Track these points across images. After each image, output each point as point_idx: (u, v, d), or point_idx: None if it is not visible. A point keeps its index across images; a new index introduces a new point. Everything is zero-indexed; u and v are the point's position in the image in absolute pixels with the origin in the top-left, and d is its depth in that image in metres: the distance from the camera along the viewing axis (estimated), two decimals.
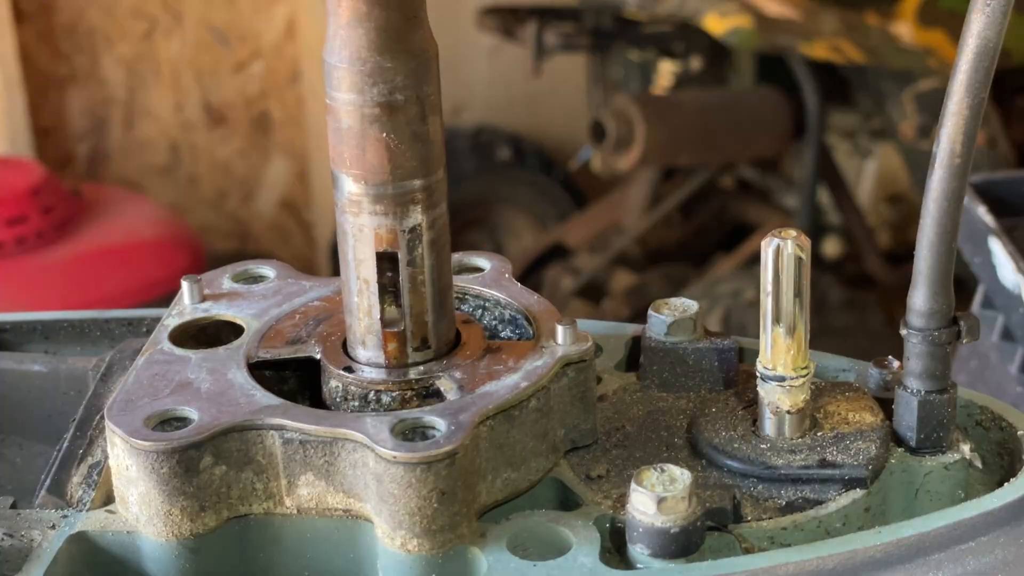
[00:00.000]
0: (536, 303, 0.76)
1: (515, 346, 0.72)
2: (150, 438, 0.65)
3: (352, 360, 0.71)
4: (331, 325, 0.74)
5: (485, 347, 0.72)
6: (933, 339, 0.70)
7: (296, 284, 0.79)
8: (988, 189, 1.34)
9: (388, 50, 0.65)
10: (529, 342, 0.72)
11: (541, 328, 0.73)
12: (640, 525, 0.63)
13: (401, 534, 0.64)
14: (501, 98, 4.27)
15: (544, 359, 0.70)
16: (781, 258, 0.68)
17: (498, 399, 0.67)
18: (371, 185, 0.67)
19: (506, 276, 0.78)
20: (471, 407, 0.66)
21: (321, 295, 0.77)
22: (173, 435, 0.65)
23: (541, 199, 4.09)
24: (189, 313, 0.76)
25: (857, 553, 0.64)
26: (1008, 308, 1.28)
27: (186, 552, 0.66)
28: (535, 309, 0.75)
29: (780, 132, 3.52)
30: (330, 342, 0.72)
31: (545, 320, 0.73)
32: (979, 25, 0.64)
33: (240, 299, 0.77)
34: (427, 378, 0.70)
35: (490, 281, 0.78)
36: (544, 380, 0.68)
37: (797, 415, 0.71)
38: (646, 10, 3.29)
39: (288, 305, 0.76)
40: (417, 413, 0.66)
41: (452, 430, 0.64)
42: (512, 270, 0.79)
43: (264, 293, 0.78)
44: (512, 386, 0.68)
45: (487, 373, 0.69)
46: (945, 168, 0.67)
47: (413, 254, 0.68)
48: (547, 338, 0.72)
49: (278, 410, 0.67)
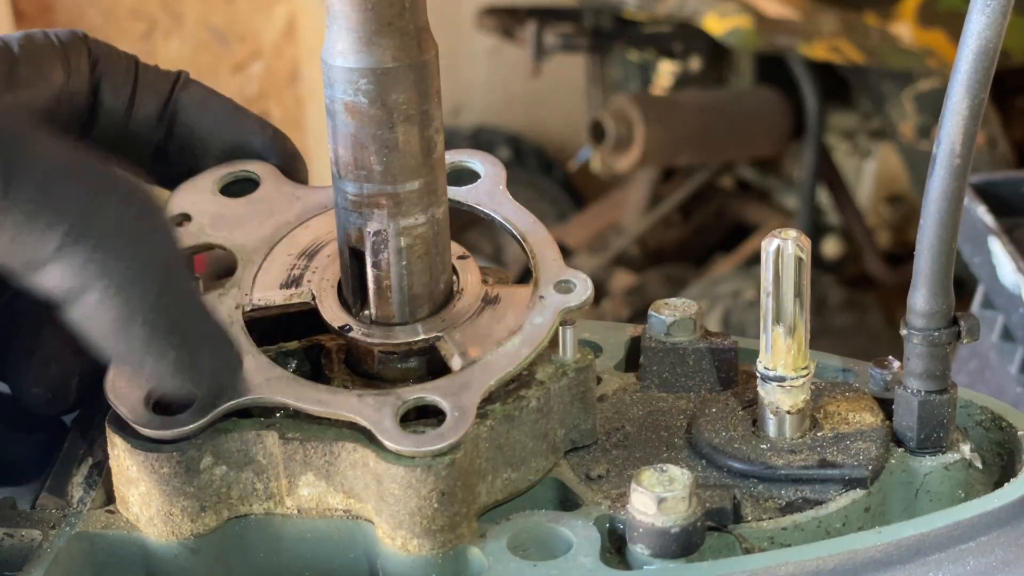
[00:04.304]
0: (532, 229, 0.74)
1: (512, 294, 0.71)
2: (152, 425, 0.64)
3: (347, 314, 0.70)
4: (323, 261, 0.72)
5: (483, 295, 0.71)
6: (933, 339, 0.70)
7: (287, 192, 0.76)
8: (988, 189, 1.35)
9: (354, 53, 0.64)
10: (527, 287, 0.71)
11: (538, 265, 0.72)
12: (640, 525, 0.63)
13: (401, 534, 0.64)
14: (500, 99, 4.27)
15: (544, 315, 0.69)
16: (781, 258, 0.68)
17: (500, 371, 0.66)
18: (342, 180, 0.67)
19: (500, 188, 0.76)
20: (473, 384, 0.66)
21: (310, 211, 0.75)
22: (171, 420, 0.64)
23: (541, 199, 4.09)
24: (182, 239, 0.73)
25: (857, 553, 0.64)
26: (1008, 308, 1.28)
27: (186, 552, 0.66)
28: (531, 238, 0.73)
29: (779, 132, 3.53)
30: (324, 287, 0.71)
31: (542, 253, 0.72)
32: (979, 25, 0.64)
33: (229, 216, 0.75)
34: (429, 339, 0.69)
35: (484, 194, 0.76)
36: (544, 342, 0.68)
37: (797, 415, 0.71)
38: (646, 10, 3.29)
39: (280, 227, 0.74)
40: (419, 392, 0.65)
41: (456, 417, 0.64)
42: (506, 178, 0.77)
43: (254, 210, 0.75)
44: (513, 353, 0.67)
45: (487, 334, 0.69)
46: (945, 168, 0.67)
47: (378, 257, 0.68)
48: (545, 282, 0.71)
49: (279, 384, 0.66)
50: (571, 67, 3.88)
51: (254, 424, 0.66)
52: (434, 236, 0.69)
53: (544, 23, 3.48)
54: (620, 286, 3.54)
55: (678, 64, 3.60)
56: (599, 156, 3.36)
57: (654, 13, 3.26)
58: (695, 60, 3.59)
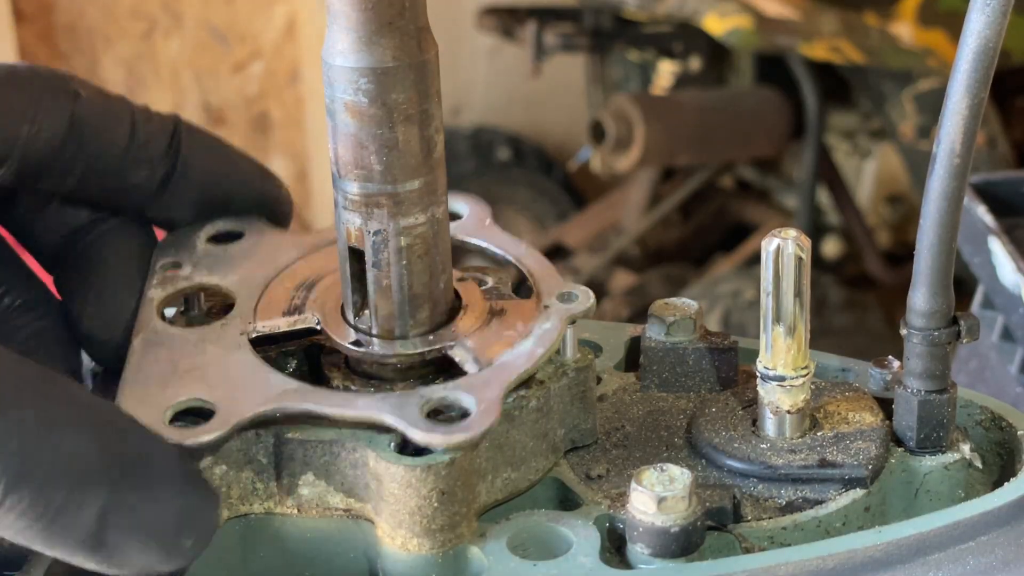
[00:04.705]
0: (526, 254, 0.74)
1: (518, 306, 0.71)
2: (171, 435, 0.64)
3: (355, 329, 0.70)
4: (322, 290, 0.73)
5: (489, 309, 0.71)
6: (933, 339, 0.70)
7: (277, 237, 0.77)
8: (988, 189, 1.34)
9: (354, 52, 0.64)
10: (530, 301, 0.71)
11: (538, 283, 0.72)
12: (640, 525, 0.63)
13: (401, 533, 0.64)
14: (500, 98, 4.27)
15: (552, 321, 0.69)
16: (781, 258, 0.68)
17: (518, 369, 0.66)
18: (342, 179, 0.67)
19: (487, 222, 0.77)
20: (493, 382, 0.65)
21: (301, 252, 0.76)
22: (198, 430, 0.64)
23: (540, 199, 4.09)
24: (171, 282, 0.74)
25: (857, 553, 0.64)
26: (1008, 308, 1.28)
27: None
28: (527, 261, 0.74)
29: (779, 132, 3.53)
30: (327, 310, 0.71)
31: (540, 274, 0.73)
32: (979, 25, 0.64)
33: (220, 262, 0.75)
34: (440, 349, 0.69)
35: (471, 228, 0.77)
36: (556, 344, 0.68)
37: (797, 415, 0.71)
38: (646, 10, 3.29)
39: (274, 267, 0.74)
40: (442, 391, 0.65)
41: (482, 410, 0.64)
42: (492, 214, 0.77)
43: (245, 254, 0.75)
44: (528, 353, 0.67)
45: (497, 340, 0.69)
46: (945, 168, 0.67)
47: (378, 257, 0.68)
48: (547, 295, 0.71)
49: (297, 394, 0.66)
50: (571, 67, 3.88)
51: (254, 424, 0.66)
52: (434, 236, 0.69)
53: (544, 23, 3.48)
54: (620, 286, 3.54)
55: (678, 64, 3.60)
56: (599, 156, 3.36)
57: (654, 13, 3.26)
58: (695, 60, 3.59)
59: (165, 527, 0.59)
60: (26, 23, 3.66)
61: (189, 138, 0.75)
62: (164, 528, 0.58)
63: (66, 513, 0.57)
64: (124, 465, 0.58)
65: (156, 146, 0.74)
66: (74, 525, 0.57)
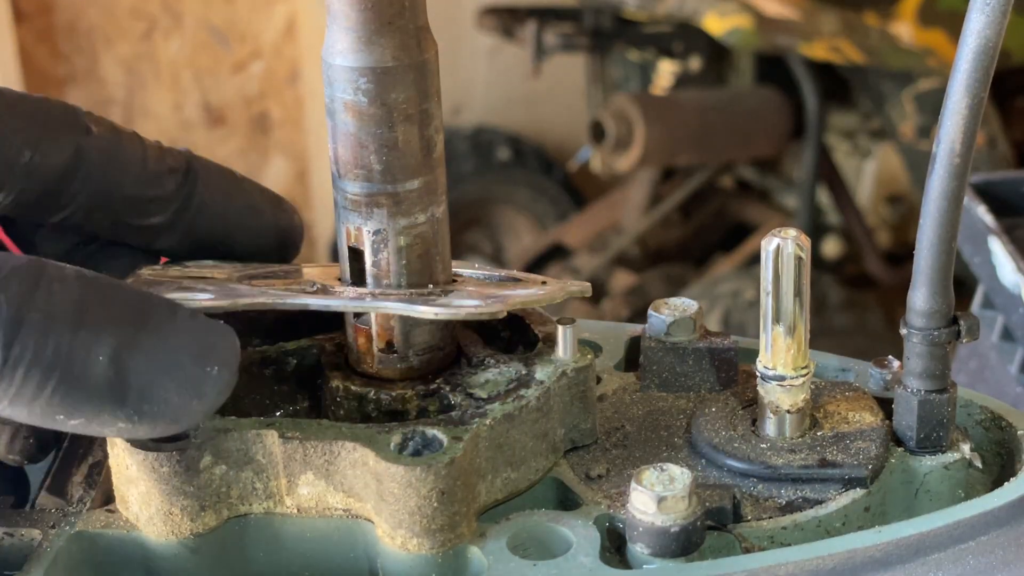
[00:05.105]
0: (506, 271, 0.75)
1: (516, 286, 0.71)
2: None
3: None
4: None
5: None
6: (933, 339, 0.70)
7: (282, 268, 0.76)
8: (988, 189, 1.35)
9: (354, 52, 0.65)
10: None
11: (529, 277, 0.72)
12: (640, 524, 0.63)
13: (401, 533, 0.64)
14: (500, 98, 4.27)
15: (549, 286, 0.70)
16: (781, 258, 0.68)
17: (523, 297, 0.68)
18: (342, 179, 0.67)
19: None
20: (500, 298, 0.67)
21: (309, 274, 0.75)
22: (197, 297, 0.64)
23: (540, 199, 4.09)
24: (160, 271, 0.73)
25: (857, 553, 0.64)
26: (1008, 308, 1.28)
27: (186, 552, 0.66)
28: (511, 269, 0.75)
29: (779, 132, 3.53)
30: None
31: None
32: (979, 24, 0.64)
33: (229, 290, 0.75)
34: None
35: None
36: (557, 298, 0.69)
37: (797, 415, 0.71)
38: (646, 10, 3.29)
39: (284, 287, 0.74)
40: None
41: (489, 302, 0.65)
42: None
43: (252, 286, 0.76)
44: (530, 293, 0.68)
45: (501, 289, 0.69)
46: (945, 168, 0.67)
47: (378, 256, 0.68)
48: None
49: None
50: (571, 67, 3.88)
51: (253, 423, 0.66)
52: (434, 235, 0.69)
53: (544, 23, 3.48)
54: (620, 286, 3.54)
55: (678, 64, 3.60)
56: (599, 156, 3.36)
57: (654, 13, 3.26)
58: (695, 60, 3.59)
59: (186, 359, 0.58)
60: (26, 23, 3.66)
61: (202, 175, 0.73)
62: (185, 360, 0.58)
63: (76, 359, 0.56)
64: (125, 309, 0.58)
65: (168, 184, 0.73)
66: (89, 372, 0.56)
